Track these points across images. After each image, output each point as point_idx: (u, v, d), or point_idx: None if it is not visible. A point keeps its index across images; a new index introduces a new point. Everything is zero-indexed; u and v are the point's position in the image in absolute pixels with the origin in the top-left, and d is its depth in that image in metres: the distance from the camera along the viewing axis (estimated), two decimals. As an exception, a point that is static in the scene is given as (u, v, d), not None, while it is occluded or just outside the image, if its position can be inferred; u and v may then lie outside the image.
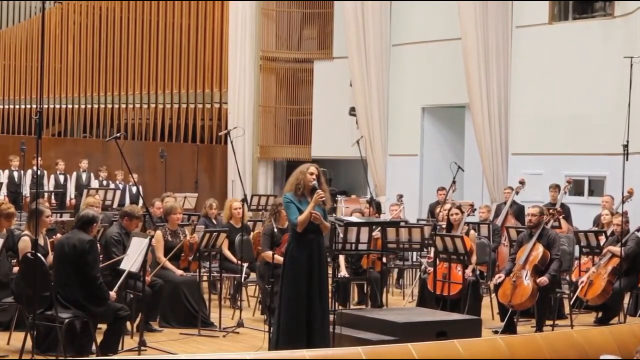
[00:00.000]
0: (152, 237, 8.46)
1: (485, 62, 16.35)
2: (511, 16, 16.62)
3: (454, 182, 12.44)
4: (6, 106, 20.80)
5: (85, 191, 15.08)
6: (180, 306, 9.59)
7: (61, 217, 12.22)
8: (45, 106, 20.30)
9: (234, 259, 10.79)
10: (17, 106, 20.79)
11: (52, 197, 16.78)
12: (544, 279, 9.51)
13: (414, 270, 13.18)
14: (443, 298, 9.75)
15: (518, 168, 16.16)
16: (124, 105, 20.79)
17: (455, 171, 12.11)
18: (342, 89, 19.09)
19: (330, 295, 7.96)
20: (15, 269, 8.48)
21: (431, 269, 10.08)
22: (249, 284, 10.98)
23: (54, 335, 7.60)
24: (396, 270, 13.14)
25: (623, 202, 11.61)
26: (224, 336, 9.18)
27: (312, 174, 7.63)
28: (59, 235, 9.20)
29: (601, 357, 5.54)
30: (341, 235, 8.77)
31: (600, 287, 10.25)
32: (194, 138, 20.58)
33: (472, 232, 10.58)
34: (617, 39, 15.06)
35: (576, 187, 15.34)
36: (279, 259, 8.75)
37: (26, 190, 16.69)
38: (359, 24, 18.11)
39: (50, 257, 8.25)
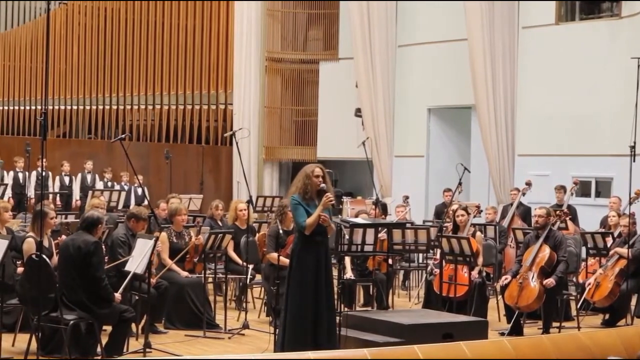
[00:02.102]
0: (157, 238, 8.43)
1: (492, 63, 16.31)
2: (517, 17, 16.58)
3: (460, 183, 12.38)
4: (11, 107, 20.76)
5: (90, 192, 15.09)
6: (186, 308, 9.57)
7: (66, 218, 12.24)
8: (50, 107, 20.29)
9: (239, 261, 10.76)
10: (22, 107, 20.75)
11: (57, 198, 16.77)
12: (550, 281, 9.47)
13: (420, 271, 13.15)
14: (449, 300, 9.72)
15: (524, 169, 16.12)
16: (129, 107, 20.75)
17: (461, 172, 12.06)
18: (347, 90, 19.06)
19: (336, 297, 7.93)
20: (20, 271, 8.47)
21: (437, 271, 10.05)
22: (254, 286, 10.95)
23: (59, 337, 7.59)
24: (402, 271, 13.10)
25: (630, 203, 11.57)
26: (229, 338, 9.16)
27: (317, 176, 7.62)
28: (63, 236, 9.19)
29: (608, 359, 5.51)
30: (347, 236, 8.75)
31: (607, 288, 10.20)
32: (199, 139, 20.56)
33: (478, 233, 10.54)
34: (624, 39, 15.01)
35: (583, 189, 15.30)
36: (284, 260, 8.73)
37: (31, 192, 16.68)
38: (364, 24, 18.07)
39: (55, 258, 8.24)
